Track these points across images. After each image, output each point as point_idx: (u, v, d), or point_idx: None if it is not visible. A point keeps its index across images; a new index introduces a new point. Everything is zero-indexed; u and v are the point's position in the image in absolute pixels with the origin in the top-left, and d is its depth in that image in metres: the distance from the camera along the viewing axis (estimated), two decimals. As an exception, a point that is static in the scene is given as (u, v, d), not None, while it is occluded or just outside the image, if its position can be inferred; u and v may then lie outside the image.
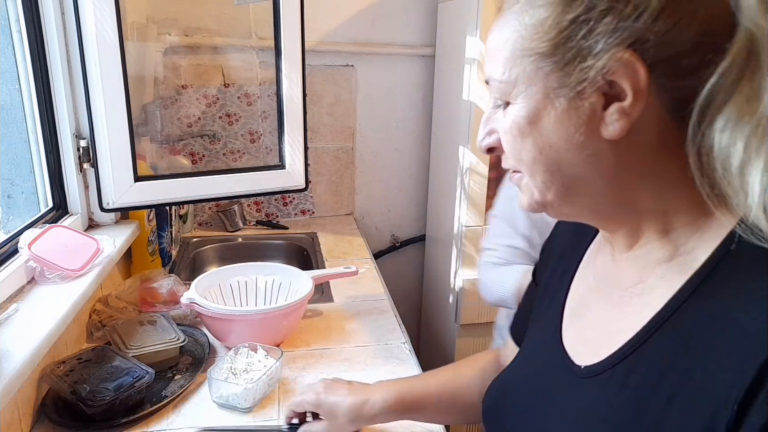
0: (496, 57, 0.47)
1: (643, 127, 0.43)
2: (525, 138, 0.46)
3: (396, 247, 2.10)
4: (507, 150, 0.49)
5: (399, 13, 1.86)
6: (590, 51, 0.42)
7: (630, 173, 0.45)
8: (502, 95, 0.48)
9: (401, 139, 2.00)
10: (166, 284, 1.22)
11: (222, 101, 1.76)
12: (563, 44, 0.43)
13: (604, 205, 0.48)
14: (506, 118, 0.47)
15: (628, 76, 0.41)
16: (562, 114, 0.44)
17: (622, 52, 0.41)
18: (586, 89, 0.43)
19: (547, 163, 0.46)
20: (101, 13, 1.08)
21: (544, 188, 0.48)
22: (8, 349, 0.80)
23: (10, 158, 1.15)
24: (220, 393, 0.92)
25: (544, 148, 0.46)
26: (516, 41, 0.45)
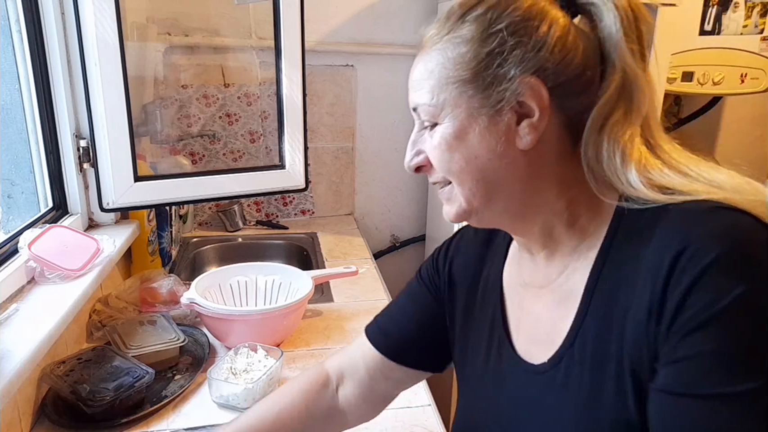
0: (423, 86, 0.55)
1: (547, 139, 0.52)
2: (453, 152, 0.54)
3: (396, 247, 2.10)
4: (436, 164, 0.56)
5: (399, 13, 1.86)
6: (504, 77, 0.51)
7: (539, 177, 0.54)
8: (431, 117, 0.55)
9: (401, 139, 2.00)
10: (166, 284, 1.21)
11: (222, 101, 1.76)
12: (482, 72, 0.52)
13: (519, 207, 0.56)
14: (435, 136, 0.55)
15: (535, 97, 0.51)
16: (484, 129, 0.53)
17: (529, 77, 0.50)
18: (503, 108, 0.52)
19: (473, 172, 0.54)
20: (101, 13, 1.08)
21: (471, 195, 0.55)
22: (8, 349, 0.80)
23: (10, 158, 1.15)
24: (220, 393, 0.92)
25: (470, 159, 0.53)
26: (441, 72, 0.53)
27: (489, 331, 0.64)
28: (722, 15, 1.81)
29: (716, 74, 1.81)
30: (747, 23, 1.83)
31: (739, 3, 1.80)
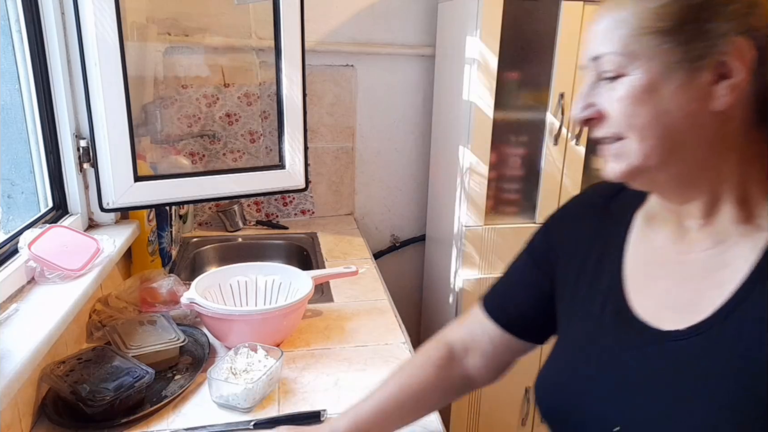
0: (611, 36, 0.52)
1: (738, 105, 0.50)
2: (641, 105, 0.51)
3: (396, 247, 2.10)
4: (618, 117, 0.53)
5: (399, 13, 1.86)
6: (712, 32, 0.48)
7: (723, 143, 0.52)
8: (618, 68, 0.52)
9: (401, 139, 2.00)
10: (166, 284, 1.22)
11: (222, 101, 1.76)
12: (687, 24, 0.49)
13: (694, 173, 0.53)
14: (620, 87, 0.52)
15: (740, 57, 0.48)
16: (679, 85, 0.50)
17: (738, 36, 0.48)
18: (704, 65, 0.49)
19: (659, 128, 0.51)
20: (101, 13, 1.08)
21: (651, 152, 0.52)
22: (8, 349, 0.80)
23: (10, 158, 1.15)
24: (220, 393, 0.92)
25: (659, 115, 0.51)
26: (636, 21, 0.51)
27: (603, 299, 0.63)
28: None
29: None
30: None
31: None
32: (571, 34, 1.54)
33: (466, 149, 1.60)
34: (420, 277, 2.15)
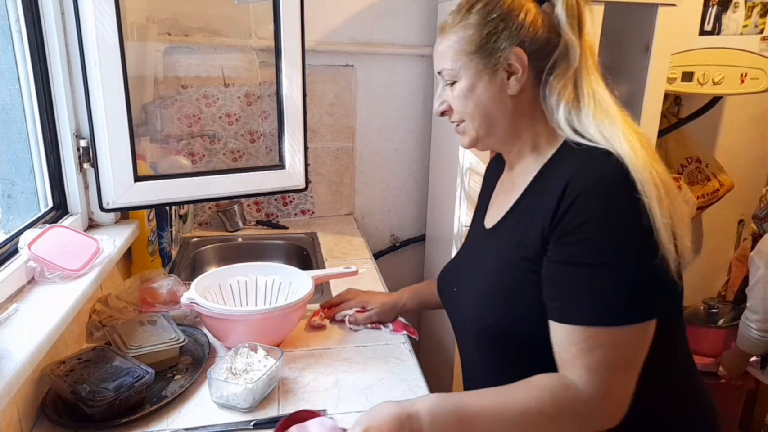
0: (446, 56, 0.83)
1: (525, 89, 0.80)
2: (467, 100, 0.82)
3: (396, 247, 2.09)
4: (456, 108, 0.84)
5: (399, 13, 1.86)
6: (498, 48, 0.78)
7: (519, 114, 0.82)
8: (452, 78, 0.83)
9: (401, 139, 2.00)
10: (166, 284, 1.21)
11: (222, 101, 1.76)
12: (484, 46, 0.79)
13: (507, 136, 0.84)
14: (455, 90, 0.83)
15: (518, 60, 0.78)
16: (487, 83, 0.80)
17: (515, 47, 0.78)
18: (499, 69, 0.79)
19: (479, 112, 0.82)
20: (101, 13, 1.08)
21: (478, 127, 0.84)
22: (8, 349, 0.80)
23: (10, 158, 1.15)
24: (220, 393, 0.92)
25: (478, 104, 0.82)
26: (457, 47, 0.81)
27: (481, 214, 0.96)
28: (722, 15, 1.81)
29: (716, 74, 1.81)
30: (747, 23, 1.83)
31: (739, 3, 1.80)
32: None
33: (466, 149, 1.60)
34: (420, 277, 2.15)
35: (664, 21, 1.59)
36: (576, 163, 0.74)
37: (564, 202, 0.71)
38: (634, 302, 0.69)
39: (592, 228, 0.69)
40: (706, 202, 2.16)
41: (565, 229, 0.71)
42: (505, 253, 0.81)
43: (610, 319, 0.69)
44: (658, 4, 1.57)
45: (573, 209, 0.70)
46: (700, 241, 2.33)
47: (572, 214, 0.70)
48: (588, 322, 0.69)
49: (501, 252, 0.83)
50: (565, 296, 0.72)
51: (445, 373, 1.77)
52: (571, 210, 0.70)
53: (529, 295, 0.76)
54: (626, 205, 0.69)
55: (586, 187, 0.70)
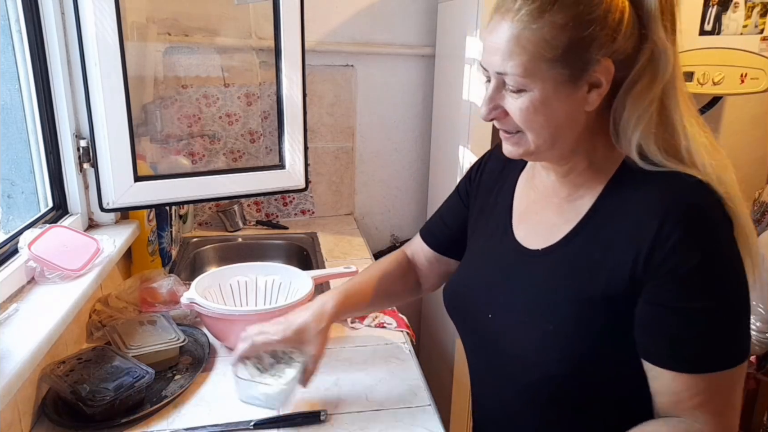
0: (512, 56, 0.64)
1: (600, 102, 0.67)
2: (538, 114, 0.67)
3: (396, 247, 2.09)
4: (520, 121, 0.68)
5: (399, 13, 1.86)
6: (588, 59, 0.64)
7: (586, 128, 0.69)
8: (518, 86, 0.66)
9: (401, 139, 2.00)
10: (166, 284, 1.21)
11: (222, 101, 1.76)
12: (570, 53, 0.63)
13: (566, 151, 0.71)
14: (521, 100, 0.66)
15: (606, 74, 0.64)
16: (565, 97, 0.66)
17: (605, 60, 0.64)
18: (582, 81, 0.65)
19: (549, 129, 0.68)
20: (101, 13, 1.08)
21: (541, 143, 0.69)
22: (8, 349, 0.80)
23: (10, 158, 1.15)
24: (250, 393, 0.88)
25: (550, 120, 0.67)
26: (534, 50, 0.63)
27: (497, 221, 0.84)
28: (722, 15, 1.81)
29: (716, 74, 1.81)
30: (747, 23, 1.83)
31: (739, 3, 1.80)
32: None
33: (466, 149, 1.60)
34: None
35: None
36: (663, 193, 0.65)
37: (662, 243, 0.63)
38: (745, 340, 0.66)
39: (706, 271, 0.63)
40: (706, 202, 2.16)
41: (670, 274, 0.63)
42: (575, 288, 0.70)
43: (732, 361, 0.64)
44: (658, 4, 1.57)
45: (678, 253, 0.62)
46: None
47: (678, 257, 0.62)
48: (714, 368, 0.64)
49: (567, 285, 0.71)
50: (683, 343, 0.64)
51: (445, 373, 1.77)
52: (675, 253, 0.62)
53: (607, 340, 0.68)
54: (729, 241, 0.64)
55: (689, 226, 0.63)
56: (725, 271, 0.64)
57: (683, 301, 0.63)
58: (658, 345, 0.66)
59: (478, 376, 0.88)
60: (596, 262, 0.68)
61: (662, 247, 0.63)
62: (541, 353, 0.71)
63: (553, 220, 0.75)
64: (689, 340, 0.64)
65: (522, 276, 0.77)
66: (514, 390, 0.77)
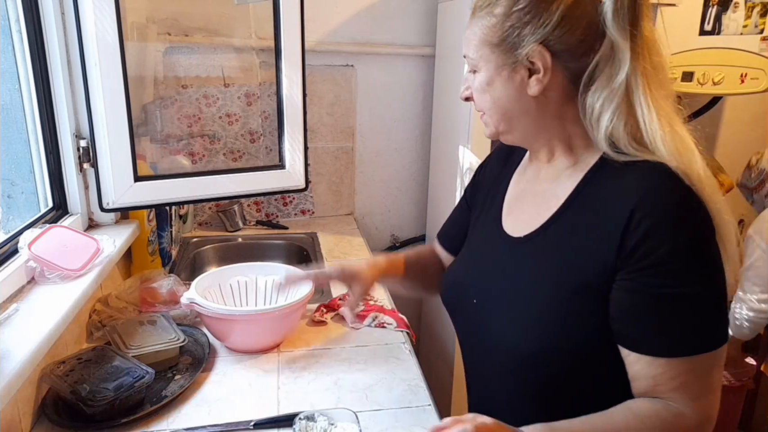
0: (470, 44, 0.76)
1: (553, 88, 0.72)
2: (485, 93, 0.76)
3: (396, 247, 2.10)
4: (476, 100, 0.78)
5: (399, 13, 1.86)
6: (520, 44, 0.71)
7: (545, 114, 0.75)
8: (472, 67, 0.77)
9: (401, 139, 2.00)
10: (166, 284, 1.22)
11: (222, 101, 1.76)
12: (506, 39, 0.71)
13: (531, 133, 0.77)
14: (475, 81, 0.77)
15: (540, 59, 0.70)
16: (505, 80, 0.73)
17: (537, 45, 0.69)
18: (519, 65, 0.72)
19: (497, 109, 0.76)
20: (101, 13, 1.08)
21: (498, 123, 0.77)
22: (8, 349, 0.80)
23: (10, 158, 1.15)
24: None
25: (496, 100, 0.75)
26: (480, 35, 0.74)
27: (490, 214, 0.87)
28: (722, 15, 1.81)
29: (716, 74, 1.81)
30: (747, 23, 1.82)
31: (739, 3, 1.80)
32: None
33: (466, 149, 1.60)
34: (420, 277, 2.15)
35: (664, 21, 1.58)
36: (636, 182, 0.68)
37: (634, 232, 0.65)
38: (722, 325, 0.68)
39: (678, 257, 0.65)
40: (706, 202, 2.15)
41: (643, 261, 0.65)
42: (554, 273, 0.73)
43: (708, 346, 0.66)
44: (658, 4, 1.57)
45: (649, 240, 0.65)
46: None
47: (650, 244, 0.65)
48: (691, 352, 0.66)
49: (546, 271, 0.74)
50: (660, 329, 0.66)
51: (445, 373, 1.77)
52: (646, 241, 0.65)
53: (585, 323, 0.70)
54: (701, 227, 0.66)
55: (660, 213, 0.65)
56: (698, 257, 0.66)
57: (656, 288, 0.65)
58: (634, 331, 0.68)
59: (469, 365, 0.91)
60: (573, 248, 0.72)
61: (634, 235, 0.65)
62: (520, 338, 0.74)
63: (536, 207, 0.79)
64: (664, 325, 0.66)
65: (506, 263, 0.80)
66: (499, 374, 0.80)
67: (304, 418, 0.83)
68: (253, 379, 1.01)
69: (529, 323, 0.74)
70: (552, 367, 0.73)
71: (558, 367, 0.73)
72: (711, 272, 0.67)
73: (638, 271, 0.66)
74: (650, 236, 0.65)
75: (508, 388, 0.79)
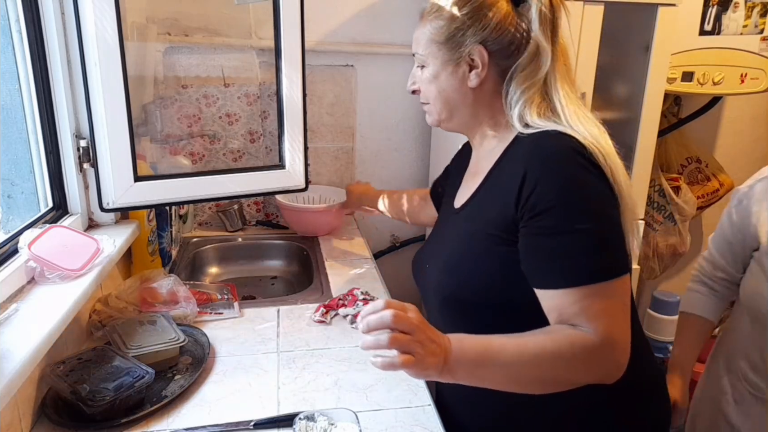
0: (420, 41, 0.91)
1: (487, 82, 0.87)
2: (431, 85, 0.91)
3: (396, 247, 2.09)
4: (423, 91, 0.93)
5: (399, 13, 1.85)
6: (463, 43, 0.86)
7: (480, 105, 0.90)
8: (420, 62, 0.92)
9: (401, 139, 2.00)
10: (166, 284, 1.22)
11: (222, 101, 1.76)
12: (450, 38, 0.86)
13: (468, 121, 0.93)
14: (423, 74, 0.92)
15: (479, 56, 0.85)
16: (450, 74, 0.89)
17: (477, 45, 0.85)
18: (461, 61, 0.87)
19: (441, 99, 0.91)
20: (101, 13, 1.08)
21: (441, 111, 0.93)
22: (8, 349, 0.80)
23: (10, 158, 1.15)
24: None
25: (440, 91, 0.91)
26: (429, 35, 0.89)
27: (449, 198, 1.03)
28: (722, 15, 1.81)
29: (716, 74, 1.81)
30: (747, 23, 1.83)
31: (739, 3, 1.80)
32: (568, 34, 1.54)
33: (466, 149, 1.60)
34: (420, 277, 2.15)
35: (664, 21, 1.59)
36: (530, 146, 0.82)
37: (527, 184, 0.77)
38: (614, 258, 0.77)
39: (562, 200, 0.76)
40: (706, 202, 2.16)
41: (535, 208, 0.77)
42: (470, 228, 0.89)
43: (599, 275, 0.76)
44: (658, 4, 1.57)
45: (537, 190, 0.77)
46: (700, 241, 2.32)
47: (538, 193, 0.76)
48: (582, 282, 0.75)
49: (466, 228, 0.90)
50: (554, 264, 0.77)
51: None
52: (536, 190, 0.77)
53: (493, 266, 0.84)
54: (582, 172, 0.77)
55: (545, 166, 0.78)
56: (582, 198, 0.77)
57: (548, 229, 0.77)
58: (535, 269, 0.79)
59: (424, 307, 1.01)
60: (485, 209, 0.87)
61: (527, 188, 0.77)
62: (441, 279, 0.91)
63: (471, 183, 0.94)
64: (557, 260, 0.77)
65: (446, 230, 0.99)
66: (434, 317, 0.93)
67: (304, 418, 0.84)
68: (253, 379, 1.01)
69: (446, 269, 0.91)
70: (469, 305, 0.87)
71: (473, 305, 0.87)
72: (598, 212, 0.77)
73: (532, 218, 0.77)
74: (538, 186, 0.77)
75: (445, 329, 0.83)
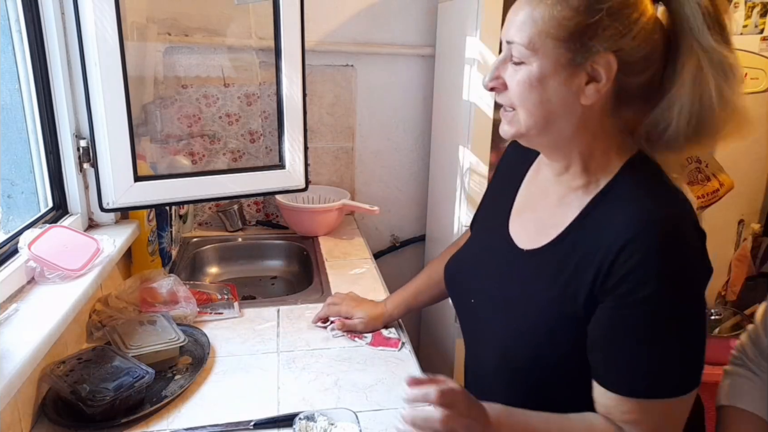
0: (524, 29, 0.66)
1: (600, 101, 0.67)
2: (532, 90, 0.68)
3: (396, 247, 2.09)
4: (514, 94, 0.70)
5: (399, 13, 1.86)
6: (592, 47, 0.64)
7: (584, 127, 0.70)
8: (521, 57, 0.68)
9: (401, 139, 2.00)
10: (166, 284, 1.22)
11: (222, 101, 1.76)
12: (577, 38, 0.64)
13: (560, 143, 0.72)
14: (521, 72, 0.68)
15: (607, 69, 0.65)
16: (562, 81, 0.67)
17: (609, 54, 0.64)
18: (581, 70, 0.66)
19: (542, 111, 0.69)
20: (101, 13, 1.08)
21: (532, 125, 0.70)
22: (8, 349, 0.80)
23: (10, 158, 1.15)
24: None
25: (544, 101, 0.68)
26: (544, 25, 0.65)
27: (499, 211, 0.87)
28: (722, 15, 1.80)
29: (716, 74, 1.81)
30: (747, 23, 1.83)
31: (739, 3, 1.80)
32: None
33: (466, 149, 1.60)
34: (420, 277, 2.15)
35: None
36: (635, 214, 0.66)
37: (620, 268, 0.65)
38: (688, 374, 0.67)
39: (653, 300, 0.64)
40: (706, 202, 2.16)
41: (621, 295, 0.65)
42: (548, 292, 0.73)
43: (665, 392, 0.66)
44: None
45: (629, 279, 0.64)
46: (700, 241, 2.32)
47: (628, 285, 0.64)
48: (643, 396, 0.66)
49: (542, 288, 0.74)
50: (619, 366, 0.67)
51: (445, 373, 1.77)
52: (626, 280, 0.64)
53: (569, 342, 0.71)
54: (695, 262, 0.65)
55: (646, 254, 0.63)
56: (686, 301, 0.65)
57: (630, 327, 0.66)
58: (601, 363, 0.69)
59: (466, 341, 0.95)
60: (570, 273, 0.71)
61: (618, 271, 0.65)
62: (510, 347, 0.77)
63: (543, 221, 0.78)
64: (630, 366, 0.67)
65: (505, 272, 0.81)
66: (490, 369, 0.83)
67: (304, 418, 0.84)
68: (253, 379, 1.01)
69: (523, 333, 0.75)
70: (538, 376, 0.75)
71: (543, 377, 0.75)
72: (698, 314, 0.66)
73: (618, 305, 0.66)
74: (632, 276, 0.64)
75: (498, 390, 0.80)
